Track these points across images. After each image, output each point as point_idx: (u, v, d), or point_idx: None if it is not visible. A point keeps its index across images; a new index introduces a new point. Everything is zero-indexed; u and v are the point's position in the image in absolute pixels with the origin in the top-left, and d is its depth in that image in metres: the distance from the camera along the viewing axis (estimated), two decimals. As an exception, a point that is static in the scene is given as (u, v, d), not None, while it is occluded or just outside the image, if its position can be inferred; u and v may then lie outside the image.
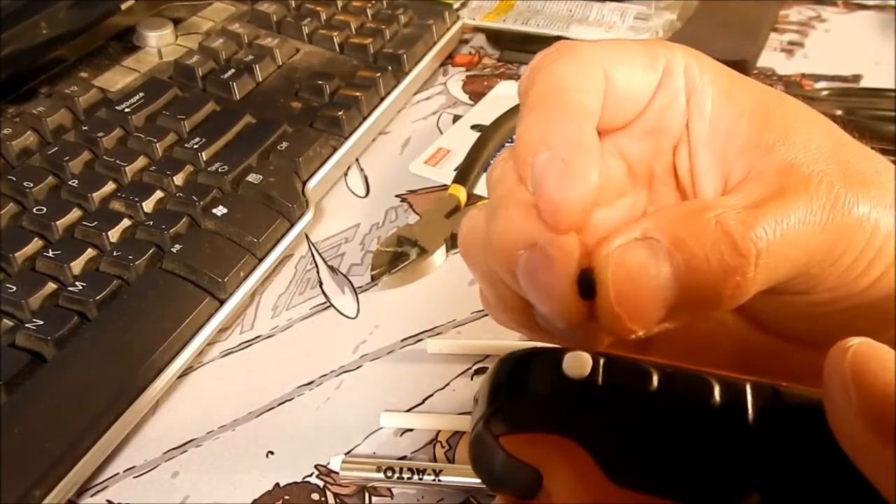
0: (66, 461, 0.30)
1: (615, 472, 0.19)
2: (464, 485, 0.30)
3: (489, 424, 0.20)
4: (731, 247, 0.19)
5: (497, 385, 0.20)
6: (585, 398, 0.19)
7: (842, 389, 0.17)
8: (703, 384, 0.19)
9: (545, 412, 0.20)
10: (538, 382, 0.20)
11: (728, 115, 0.24)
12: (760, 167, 0.22)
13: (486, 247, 0.22)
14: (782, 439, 0.18)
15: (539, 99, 0.22)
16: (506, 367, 0.20)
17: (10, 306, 0.34)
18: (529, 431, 0.20)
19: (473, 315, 0.38)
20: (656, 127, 0.25)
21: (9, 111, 0.46)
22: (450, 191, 0.44)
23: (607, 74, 0.23)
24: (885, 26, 0.59)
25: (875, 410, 0.16)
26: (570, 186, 0.20)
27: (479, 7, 0.61)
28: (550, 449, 0.20)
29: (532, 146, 0.21)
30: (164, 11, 0.56)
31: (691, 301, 0.20)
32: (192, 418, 0.34)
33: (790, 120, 0.23)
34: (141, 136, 0.44)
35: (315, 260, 0.42)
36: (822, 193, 0.21)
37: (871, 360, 0.17)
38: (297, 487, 0.31)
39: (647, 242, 0.20)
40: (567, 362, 0.19)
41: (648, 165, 0.26)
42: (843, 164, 0.22)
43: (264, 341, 0.38)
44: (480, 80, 0.55)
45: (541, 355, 0.20)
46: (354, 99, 0.48)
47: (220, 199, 0.41)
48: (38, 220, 0.39)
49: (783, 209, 0.20)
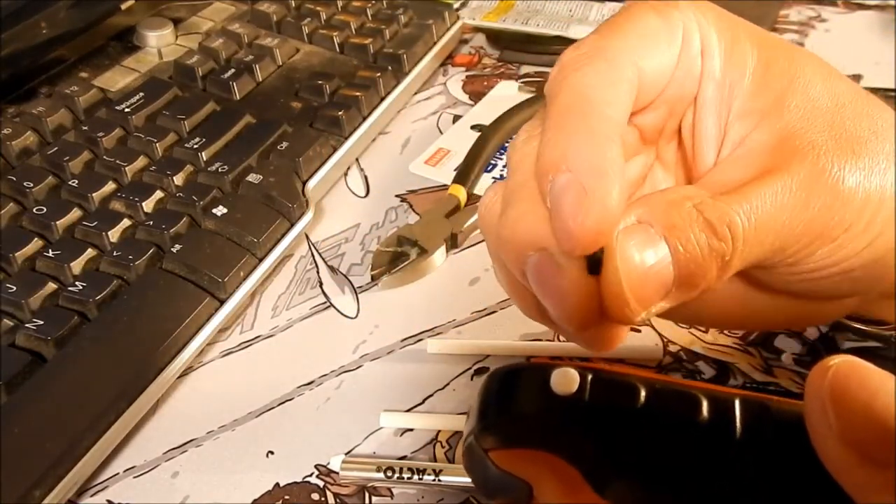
0: (66, 461, 0.30)
1: (603, 487, 0.19)
2: (464, 485, 0.30)
3: (479, 439, 0.20)
4: (712, 232, 0.20)
5: (487, 401, 0.20)
6: (573, 416, 0.19)
7: (821, 413, 0.17)
8: (691, 400, 0.19)
9: (532, 429, 0.20)
10: (526, 400, 0.20)
11: (732, 75, 0.23)
12: (751, 139, 0.23)
13: (497, 236, 0.22)
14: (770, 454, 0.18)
15: (566, 110, 0.21)
16: (495, 382, 0.20)
17: (10, 306, 0.34)
18: (518, 447, 0.20)
19: (473, 315, 0.38)
20: (673, 97, 0.25)
21: (9, 111, 0.46)
22: (450, 191, 0.44)
23: (638, 68, 0.23)
24: (885, 26, 0.59)
25: (855, 434, 0.16)
26: (587, 214, 0.20)
27: (479, 7, 0.61)
28: (539, 464, 0.20)
29: (554, 163, 0.20)
30: (164, 11, 0.56)
31: (685, 282, 0.20)
32: (192, 418, 0.34)
33: (788, 79, 0.23)
34: (141, 136, 0.44)
35: (315, 260, 0.42)
36: (806, 170, 0.21)
37: (849, 381, 0.17)
38: (297, 487, 0.31)
39: (642, 227, 0.20)
40: (555, 379, 0.19)
41: (660, 128, 0.26)
42: (839, 128, 0.22)
43: (264, 341, 0.38)
44: (480, 80, 0.55)
45: (529, 371, 0.20)
46: (354, 99, 0.48)
47: (220, 199, 0.41)
48: (38, 220, 0.39)
49: (760, 195, 0.21)
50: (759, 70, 0.23)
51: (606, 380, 0.19)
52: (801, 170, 0.21)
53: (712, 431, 0.18)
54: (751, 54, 0.23)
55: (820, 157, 0.21)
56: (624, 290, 0.20)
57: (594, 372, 0.19)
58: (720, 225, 0.20)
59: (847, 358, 0.17)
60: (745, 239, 0.20)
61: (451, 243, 0.41)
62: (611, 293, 0.20)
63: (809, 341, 0.36)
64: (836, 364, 0.17)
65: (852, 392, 0.17)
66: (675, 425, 0.19)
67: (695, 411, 0.19)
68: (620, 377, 0.19)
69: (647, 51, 0.23)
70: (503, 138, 0.48)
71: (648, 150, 0.26)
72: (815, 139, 0.22)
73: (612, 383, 0.19)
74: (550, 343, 0.36)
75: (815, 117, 0.22)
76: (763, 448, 0.18)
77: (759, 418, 0.18)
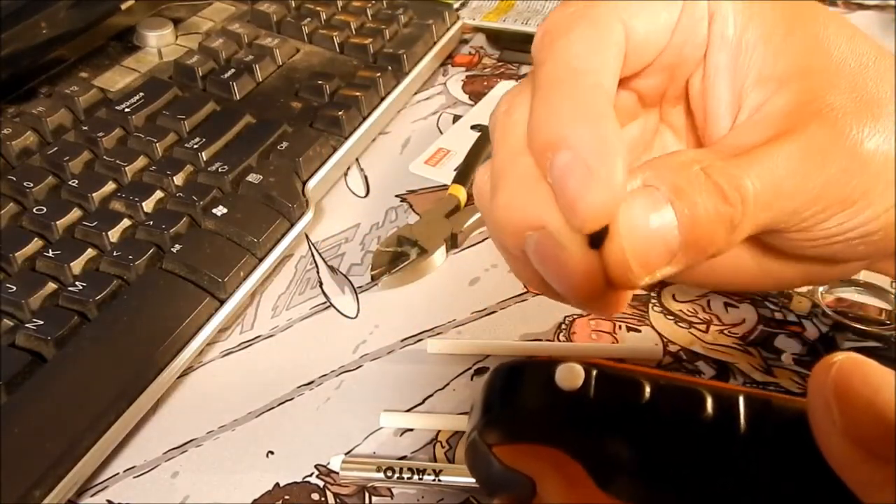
0: (66, 461, 0.30)
1: (607, 483, 0.19)
2: (464, 485, 0.30)
3: (482, 434, 0.20)
4: (721, 196, 0.19)
5: (490, 395, 0.20)
6: (577, 411, 0.19)
7: (825, 409, 0.17)
8: (695, 396, 0.19)
9: (537, 424, 0.20)
10: (530, 394, 0.20)
11: (748, 40, 0.22)
12: (770, 104, 0.22)
13: (492, 219, 0.22)
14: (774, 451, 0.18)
15: (555, 82, 0.21)
16: (500, 377, 0.20)
17: (10, 306, 0.34)
18: (521, 442, 0.20)
19: (473, 315, 0.38)
20: (672, 63, 0.24)
21: (9, 111, 0.46)
22: (450, 191, 0.44)
23: (627, 28, 0.22)
24: (885, 26, 0.59)
25: (858, 429, 0.16)
26: (595, 192, 0.19)
27: (479, 7, 0.61)
28: (543, 459, 0.20)
29: (551, 142, 0.20)
30: (164, 11, 0.56)
31: (692, 246, 0.20)
32: (192, 418, 0.34)
33: (811, 41, 0.22)
34: (141, 136, 0.44)
35: (315, 260, 0.42)
36: (823, 132, 0.20)
37: (853, 377, 0.17)
38: (297, 487, 0.31)
39: (647, 191, 0.20)
40: (559, 374, 0.19)
41: (660, 92, 0.25)
42: (860, 90, 0.21)
43: (264, 341, 0.38)
44: (480, 80, 0.55)
45: (533, 366, 0.20)
46: (354, 99, 0.48)
47: (220, 199, 0.41)
48: (38, 220, 0.39)
49: (772, 157, 0.20)
50: (779, 33, 0.22)
51: (611, 375, 0.19)
52: (818, 132, 0.20)
53: (716, 428, 0.18)
54: (771, 17, 0.22)
55: (838, 119, 0.20)
56: (627, 257, 0.20)
57: (599, 368, 0.19)
58: (730, 188, 0.19)
59: (850, 354, 0.17)
60: (755, 202, 0.20)
61: (451, 243, 0.41)
62: (615, 260, 0.20)
63: (809, 341, 0.36)
64: (840, 360, 0.17)
65: (856, 388, 0.17)
66: (679, 421, 0.19)
67: (699, 407, 0.19)
68: (625, 373, 0.19)
69: (638, 12, 0.22)
70: (503, 138, 0.48)
71: (649, 112, 0.26)
72: (834, 101, 0.21)
73: (617, 379, 0.19)
74: (550, 343, 0.36)
75: (838, 79, 0.21)
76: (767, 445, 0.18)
77: (763, 415, 0.18)
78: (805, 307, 0.37)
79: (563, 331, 0.37)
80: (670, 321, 0.37)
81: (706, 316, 0.37)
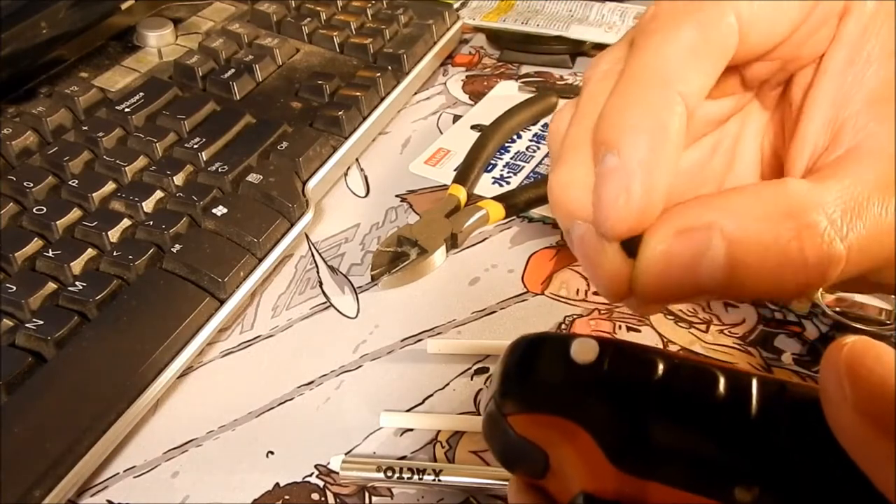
0: (66, 461, 0.30)
1: (617, 457, 0.19)
2: (464, 485, 0.30)
3: (499, 404, 0.21)
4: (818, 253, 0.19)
5: (508, 368, 0.21)
6: (590, 383, 0.19)
7: (837, 383, 0.17)
8: (709, 375, 0.19)
9: (551, 395, 0.20)
10: (546, 366, 0.20)
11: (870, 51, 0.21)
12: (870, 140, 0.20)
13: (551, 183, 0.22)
14: (785, 433, 0.18)
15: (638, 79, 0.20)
16: (518, 350, 0.21)
17: (10, 306, 0.34)
18: (536, 412, 0.20)
19: (473, 315, 0.38)
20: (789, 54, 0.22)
21: (9, 111, 0.46)
22: (450, 191, 0.44)
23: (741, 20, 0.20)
24: None
25: (869, 404, 0.16)
26: (626, 207, 0.19)
27: (479, 7, 0.61)
28: (556, 430, 0.20)
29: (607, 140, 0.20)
30: (164, 11, 0.57)
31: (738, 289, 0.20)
32: (192, 418, 0.34)
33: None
34: (141, 136, 0.44)
35: (315, 260, 0.42)
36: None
37: (866, 356, 0.17)
38: (297, 487, 0.31)
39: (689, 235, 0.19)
40: (575, 348, 0.20)
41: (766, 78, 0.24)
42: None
43: (264, 341, 0.38)
44: (480, 80, 0.55)
45: (550, 340, 0.21)
46: (354, 99, 0.48)
47: (220, 199, 0.41)
48: (38, 220, 0.39)
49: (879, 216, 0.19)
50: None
51: (625, 351, 0.20)
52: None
53: (729, 407, 0.19)
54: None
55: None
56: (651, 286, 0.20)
57: (614, 343, 0.20)
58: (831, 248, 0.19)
59: (862, 337, 0.17)
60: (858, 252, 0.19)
61: (451, 243, 0.41)
62: (640, 284, 0.20)
63: (809, 341, 0.36)
64: (853, 340, 0.17)
65: (868, 365, 0.17)
66: (691, 399, 0.19)
67: (712, 387, 0.19)
68: (639, 349, 0.20)
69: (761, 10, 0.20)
70: (503, 138, 0.48)
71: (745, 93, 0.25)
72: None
73: (631, 354, 0.20)
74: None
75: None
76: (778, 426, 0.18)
77: (777, 397, 0.19)
78: (805, 307, 0.37)
79: (563, 331, 0.37)
80: (670, 321, 0.37)
81: (706, 316, 0.37)
